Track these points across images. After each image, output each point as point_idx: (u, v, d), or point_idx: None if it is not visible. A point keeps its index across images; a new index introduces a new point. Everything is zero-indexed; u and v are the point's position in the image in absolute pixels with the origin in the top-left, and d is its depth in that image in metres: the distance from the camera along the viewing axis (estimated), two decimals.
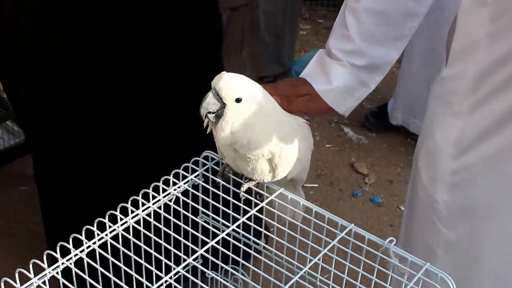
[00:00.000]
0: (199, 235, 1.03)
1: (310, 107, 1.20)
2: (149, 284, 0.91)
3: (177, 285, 0.93)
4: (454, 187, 1.21)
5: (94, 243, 0.98)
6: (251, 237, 1.08)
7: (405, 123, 3.05)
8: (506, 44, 1.05)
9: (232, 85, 1.00)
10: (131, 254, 0.99)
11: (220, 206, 1.09)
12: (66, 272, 0.95)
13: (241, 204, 1.07)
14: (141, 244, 1.00)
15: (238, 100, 1.00)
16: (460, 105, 1.16)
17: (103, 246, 0.99)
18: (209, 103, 1.00)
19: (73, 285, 0.91)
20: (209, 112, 1.01)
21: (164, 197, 1.06)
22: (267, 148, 1.04)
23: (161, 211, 1.05)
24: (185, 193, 1.09)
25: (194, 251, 0.98)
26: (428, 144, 1.26)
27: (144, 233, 1.02)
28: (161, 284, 0.93)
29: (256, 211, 1.07)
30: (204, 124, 1.04)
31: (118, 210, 1.01)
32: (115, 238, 1.00)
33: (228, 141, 1.03)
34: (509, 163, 1.13)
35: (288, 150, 1.06)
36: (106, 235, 0.99)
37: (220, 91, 1.00)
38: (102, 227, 1.00)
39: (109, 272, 0.95)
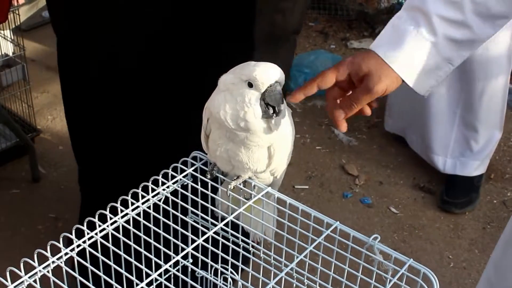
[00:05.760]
0: (189, 234, 1.05)
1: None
2: (138, 282, 0.92)
3: (167, 283, 0.95)
4: None
5: (84, 242, 0.99)
6: (239, 235, 1.10)
7: (401, 133, 2.95)
8: None
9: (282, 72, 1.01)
10: (121, 253, 1.00)
11: (209, 205, 1.10)
12: (59, 270, 0.97)
13: (229, 204, 1.09)
14: (131, 243, 1.01)
15: None
16: None
17: (93, 245, 1.00)
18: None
19: (64, 283, 0.93)
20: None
21: (153, 197, 1.08)
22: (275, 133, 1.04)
23: (151, 211, 1.07)
24: (173, 193, 1.11)
25: (183, 251, 1.00)
26: None
27: (133, 232, 1.03)
28: (151, 283, 0.95)
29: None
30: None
31: (108, 209, 1.02)
32: (105, 237, 1.02)
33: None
34: None
35: (285, 137, 1.07)
36: (96, 234, 1.01)
37: (282, 83, 1.01)
38: (93, 226, 1.01)
39: (99, 271, 0.97)
